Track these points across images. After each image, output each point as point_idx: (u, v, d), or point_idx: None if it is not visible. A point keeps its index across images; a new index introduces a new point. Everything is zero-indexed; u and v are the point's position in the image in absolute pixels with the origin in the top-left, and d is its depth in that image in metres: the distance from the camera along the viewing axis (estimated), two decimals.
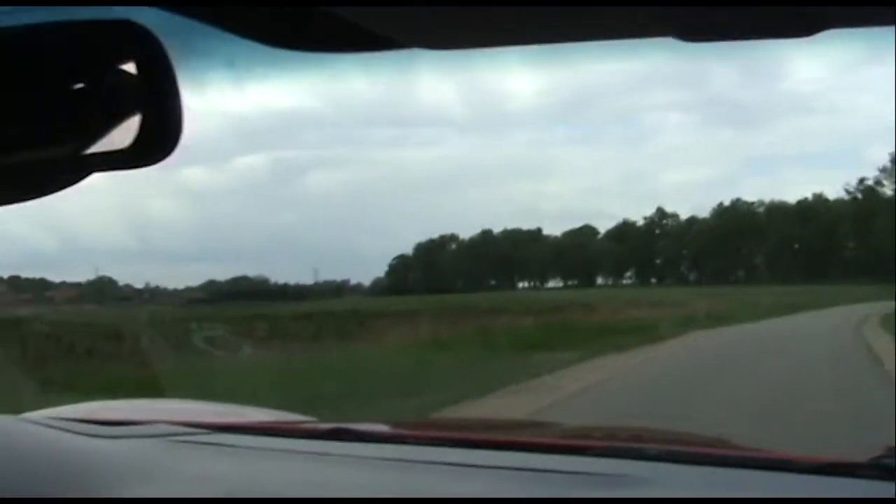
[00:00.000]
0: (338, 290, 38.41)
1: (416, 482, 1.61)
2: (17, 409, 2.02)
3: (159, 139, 0.95)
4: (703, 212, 63.78)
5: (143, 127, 0.94)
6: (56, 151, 0.97)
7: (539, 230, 61.12)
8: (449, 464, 1.64)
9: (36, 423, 1.73)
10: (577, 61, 0.98)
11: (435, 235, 56.09)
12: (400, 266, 53.65)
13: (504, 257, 57.83)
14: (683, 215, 64.66)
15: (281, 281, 37.23)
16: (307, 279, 36.96)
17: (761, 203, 63.08)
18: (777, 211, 61.73)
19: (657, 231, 64.57)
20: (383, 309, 25.88)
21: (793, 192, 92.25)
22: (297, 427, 2.01)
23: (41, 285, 29.50)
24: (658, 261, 64.42)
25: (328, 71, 1.09)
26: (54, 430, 1.66)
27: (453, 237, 58.04)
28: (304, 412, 2.32)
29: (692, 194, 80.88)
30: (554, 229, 61.73)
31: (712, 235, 60.14)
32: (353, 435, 1.79)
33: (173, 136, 0.95)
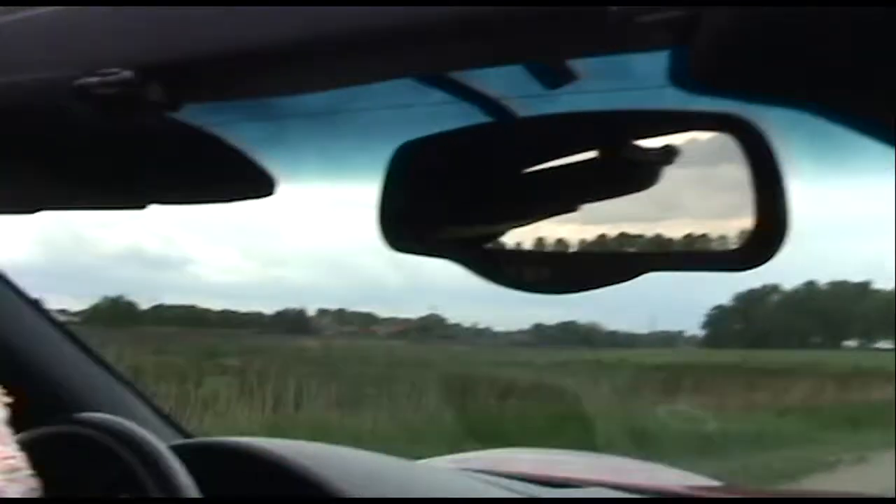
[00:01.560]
0: (670, 339, 35.55)
1: None
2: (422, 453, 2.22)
3: (767, 241, 0.84)
4: None
5: (756, 226, 0.83)
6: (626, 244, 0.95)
7: (868, 283, 54.83)
8: None
9: (469, 476, 1.67)
10: None
11: (756, 285, 51.41)
12: (716, 317, 49.37)
13: (826, 313, 52.24)
14: None
15: (611, 328, 35.02)
16: (640, 328, 34.61)
17: None
18: None
19: None
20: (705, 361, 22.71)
21: None
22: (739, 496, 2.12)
23: (367, 319, 28.53)
24: None
25: None
26: (494, 487, 1.60)
27: (776, 287, 53.12)
28: None
29: None
30: (886, 283, 55.73)
31: None
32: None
33: (780, 237, 0.84)
